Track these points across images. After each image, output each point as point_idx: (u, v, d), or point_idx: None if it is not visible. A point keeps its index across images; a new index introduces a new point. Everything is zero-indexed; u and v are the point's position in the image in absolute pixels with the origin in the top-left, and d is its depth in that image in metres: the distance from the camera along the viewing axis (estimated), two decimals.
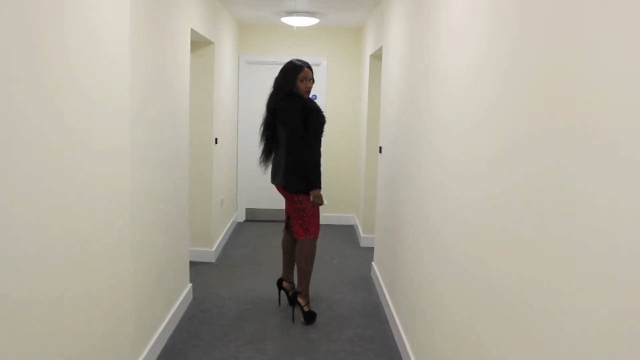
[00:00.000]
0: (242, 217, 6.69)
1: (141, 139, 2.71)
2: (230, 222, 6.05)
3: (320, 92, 6.38)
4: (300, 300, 3.69)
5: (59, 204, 1.86)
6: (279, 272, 4.66)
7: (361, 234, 5.74)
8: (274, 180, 3.76)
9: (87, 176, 2.08)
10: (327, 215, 6.60)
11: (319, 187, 3.54)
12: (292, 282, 3.87)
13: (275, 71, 6.48)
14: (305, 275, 3.70)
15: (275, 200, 6.32)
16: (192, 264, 4.62)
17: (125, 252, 2.53)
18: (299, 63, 3.62)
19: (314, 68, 6.40)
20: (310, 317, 3.62)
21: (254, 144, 6.55)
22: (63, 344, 1.93)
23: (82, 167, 2.03)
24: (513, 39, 1.61)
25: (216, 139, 4.98)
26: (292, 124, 3.51)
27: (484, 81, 1.86)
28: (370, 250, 5.18)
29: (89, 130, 2.08)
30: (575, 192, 1.21)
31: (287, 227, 3.85)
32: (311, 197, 3.54)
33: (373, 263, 4.64)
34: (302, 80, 3.57)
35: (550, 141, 1.33)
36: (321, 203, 3.57)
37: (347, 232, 6.26)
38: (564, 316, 1.24)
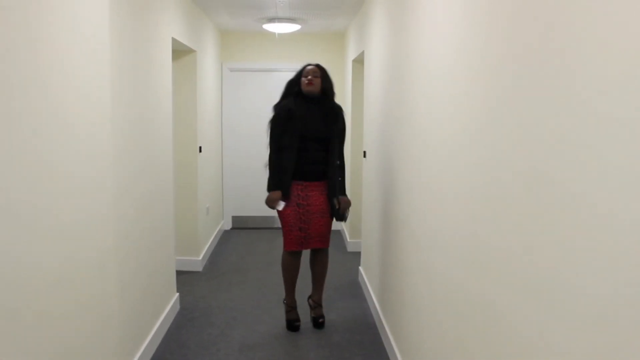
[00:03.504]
0: (228, 225, 6.66)
1: (124, 148, 2.70)
2: (217, 230, 6.02)
3: None
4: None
5: (42, 216, 1.84)
6: (266, 280, 4.66)
7: (348, 239, 5.75)
8: None
9: (69, 185, 2.06)
10: None
11: (274, 190, 3.49)
12: (315, 296, 3.78)
13: (258, 78, 6.58)
14: (284, 284, 3.74)
15: (262, 208, 6.30)
16: (179, 273, 4.58)
17: (110, 263, 2.51)
18: (307, 64, 3.56)
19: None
20: (287, 326, 3.62)
21: (239, 152, 6.60)
22: (48, 357, 1.91)
23: (63, 176, 2.01)
24: (486, 28, 1.63)
25: (200, 147, 4.96)
26: (270, 126, 3.56)
27: (470, 77, 1.88)
28: (357, 255, 5.19)
29: (69, 141, 2.06)
30: (559, 184, 1.22)
31: None
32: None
33: (360, 268, 4.65)
34: (305, 76, 3.49)
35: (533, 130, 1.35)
36: (272, 207, 3.52)
37: (334, 237, 6.26)
38: (563, 331, 1.25)
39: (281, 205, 3.48)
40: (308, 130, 3.44)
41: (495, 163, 1.58)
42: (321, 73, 3.50)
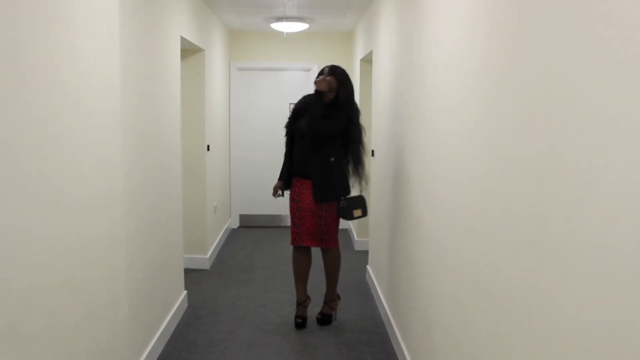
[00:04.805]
0: (235, 224, 6.68)
1: (133, 147, 2.71)
2: (224, 228, 6.04)
3: None
4: None
5: (52, 218, 1.86)
6: (274, 279, 4.67)
7: (355, 238, 5.75)
8: None
9: (78, 186, 2.07)
10: None
11: (279, 180, 3.71)
12: (325, 293, 3.81)
13: (266, 77, 6.59)
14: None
15: (269, 206, 6.33)
16: (187, 271, 4.60)
17: (118, 261, 2.52)
18: (323, 70, 3.53)
19: (304, 73, 6.49)
20: (294, 324, 3.63)
21: (247, 150, 6.61)
22: (57, 355, 1.92)
23: (73, 179, 2.02)
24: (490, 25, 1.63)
25: (208, 146, 4.98)
26: None
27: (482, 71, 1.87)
28: (365, 253, 5.19)
29: (79, 142, 2.07)
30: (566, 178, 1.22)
31: None
32: None
33: (368, 266, 4.65)
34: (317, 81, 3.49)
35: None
36: (273, 194, 3.73)
37: (341, 236, 6.23)
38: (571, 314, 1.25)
39: (277, 195, 3.73)
40: (296, 128, 3.57)
41: (509, 144, 1.58)
42: (336, 77, 3.44)
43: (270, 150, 6.45)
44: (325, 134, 3.41)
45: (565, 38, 1.23)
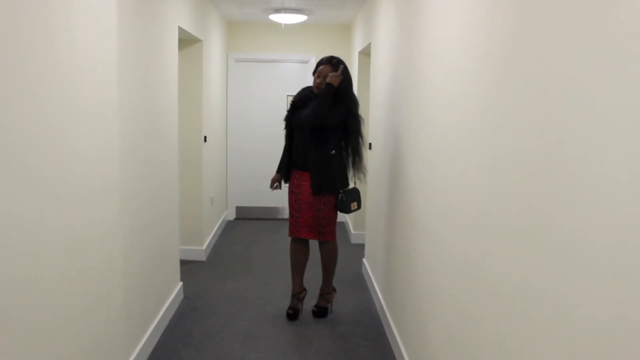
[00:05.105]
0: (232, 215, 6.67)
1: (130, 138, 2.70)
2: (220, 220, 6.03)
3: None
4: None
5: (49, 209, 1.85)
6: (270, 271, 4.67)
7: (352, 231, 5.75)
8: None
9: (75, 176, 2.06)
10: None
11: (277, 172, 3.71)
12: (321, 285, 3.81)
13: (264, 68, 6.56)
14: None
15: (266, 198, 6.32)
16: (183, 262, 4.59)
17: (114, 252, 2.51)
18: (321, 60, 3.52)
19: (302, 65, 6.47)
20: (286, 315, 3.64)
21: (244, 142, 6.60)
22: (53, 345, 1.92)
23: (69, 168, 2.01)
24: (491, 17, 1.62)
25: (205, 137, 4.96)
26: None
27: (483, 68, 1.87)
28: (361, 247, 5.19)
29: (76, 131, 2.06)
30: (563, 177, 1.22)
31: None
32: None
33: (364, 259, 4.65)
34: (317, 76, 3.48)
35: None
36: (271, 186, 3.74)
37: (338, 229, 6.24)
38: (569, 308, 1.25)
39: (274, 187, 3.73)
40: (295, 120, 3.56)
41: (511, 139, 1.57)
42: (335, 69, 3.44)
43: (268, 142, 6.44)
44: (328, 122, 3.40)
45: (566, 34, 1.22)
